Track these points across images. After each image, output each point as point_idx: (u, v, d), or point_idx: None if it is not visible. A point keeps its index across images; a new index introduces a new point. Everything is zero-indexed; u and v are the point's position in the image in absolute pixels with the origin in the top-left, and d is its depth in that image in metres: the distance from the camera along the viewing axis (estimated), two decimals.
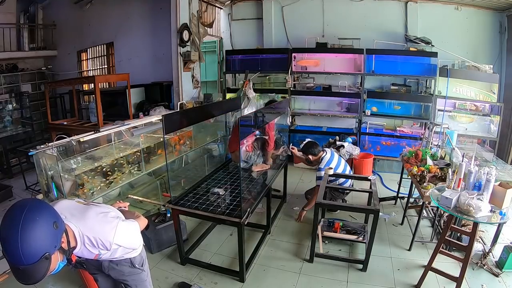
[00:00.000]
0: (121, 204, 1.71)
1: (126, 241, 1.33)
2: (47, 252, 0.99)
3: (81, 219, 1.25)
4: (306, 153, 3.49)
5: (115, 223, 1.29)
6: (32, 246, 0.96)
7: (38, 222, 0.99)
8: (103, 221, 1.28)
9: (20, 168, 4.65)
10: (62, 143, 2.65)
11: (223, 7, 5.97)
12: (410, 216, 3.39)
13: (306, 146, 3.53)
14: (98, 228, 1.25)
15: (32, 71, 7.02)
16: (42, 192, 2.94)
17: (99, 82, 4.43)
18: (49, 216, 1.05)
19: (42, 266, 0.99)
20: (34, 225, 0.98)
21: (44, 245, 0.99)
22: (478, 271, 2.49)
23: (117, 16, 6.22)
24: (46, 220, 1.02)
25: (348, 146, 4.55)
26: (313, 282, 2.46)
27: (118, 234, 1.28)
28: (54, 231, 1.03)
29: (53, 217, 1.06)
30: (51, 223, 1.03)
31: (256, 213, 3.37)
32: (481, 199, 1.94)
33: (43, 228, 1.00)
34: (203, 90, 5.77)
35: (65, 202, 1.34)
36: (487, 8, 4.71)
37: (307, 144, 3.55)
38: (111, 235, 1.26)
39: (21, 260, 0.95)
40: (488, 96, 4.44)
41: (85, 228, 1.23)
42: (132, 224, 1.39)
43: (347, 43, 5.09)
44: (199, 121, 3.24)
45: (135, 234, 1.39)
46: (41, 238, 0.98)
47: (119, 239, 1.28)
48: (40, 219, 1.01)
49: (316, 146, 3.50)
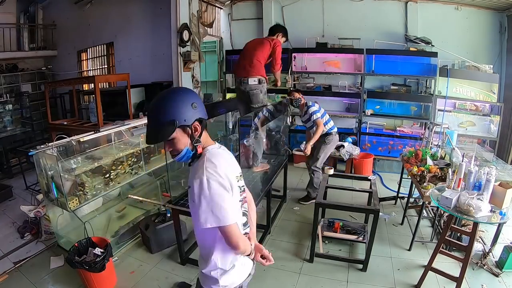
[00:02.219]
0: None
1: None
2: (175, 119, 1.08)
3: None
4: (298, 91, 3.59)
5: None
6: (166, 106, 1.09)
7: (180, 94, 1.14)
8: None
9: (20, 168, 4.64)
10: (62, 143, 2.65)
11: (223, 7, 5.97)
12: (410, 216, 3.39)
13: (293, 90, 3.67)
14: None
15: (32, 71, 7.01)
16: (42, 192, 2.94)
17: (99, 82, 4.42)
18: (192, 96, 1.15)
19: (167, 130, 1.08)
20: (177, 94, 1.13)
21: (175, 112, 1.08)
22: (478, 271, 2.49)
23: (117, 16, 6.22)
24: (188, 96, 1.14)
25: (348, 146, 4.55)
26: (313, 282, 2.46)
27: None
28: (190, 108, 1.11)
29: (195, 99, 1.15)
30: (190, 100, 1.12)
31: (256, 213, 3.37)
32: (481, 199, 1.94)
33: (182, 99, 1.11)
34: (203, 90, 5.76)
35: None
36: (487, 8, 4.71)
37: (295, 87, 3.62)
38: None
39: (154, 117, 1.10)
40: (488, 96, 4.44)
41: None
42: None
43: (347, 43, 5.09)
44: None
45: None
46: (176, 105, 1.09)
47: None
48: (183, 93, 1.15)
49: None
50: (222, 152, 1.22)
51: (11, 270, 2.61)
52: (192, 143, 1.15)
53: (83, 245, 2.42)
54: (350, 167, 4.69)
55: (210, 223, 1.09)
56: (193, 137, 1.14)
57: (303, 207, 3.70)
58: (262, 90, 3.05)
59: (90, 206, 2.89)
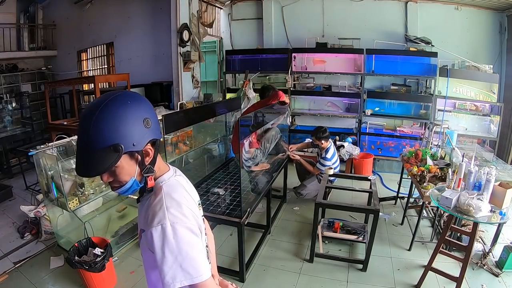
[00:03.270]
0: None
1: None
2: (120, 144, 0.77)
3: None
4: (319, 139, 3.50)
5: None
6: (105, 129, 0.76)
7: (126, 106, 0.79)
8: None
9: (20, 168, 4.64)
10: (62, 143, 2.65)
11: (223, 7, 5.97)
12: (410, 216, 3.39)
13: (319, 131, 3.50)
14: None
15: (32, 71, 7.01)
16: (42, 192, 2.94)
17: (99, 82, 4.42)
18: (144, 108, 0.83)
19: (108, 158, 0.77)
20: (119, 108, 0.78)
21: (119, 133, 0.77)
22: (478, 271, 2.49)
23: (117, 16, 6.22)
24: (137, 109, 0.81)
25: (348, 146, 4.55)
26: (313, 282, 2.46)
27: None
28: (141, 127, 0.81)
29: (148, 113, 0.83)
30: (141, 116, 0.81)
31: (256, 213, 3.38)
32: (481, 199, 1.94)
33: (129, 115, 0.79)
34: (203, 90, 5.76)
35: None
36: (487, 8, 4.71)
37: (321, 129, 3.51)
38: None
39: (87, 141, 0.77)
40: (488, 96, 4.44)
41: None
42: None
43: (347, 43, 5.09)
44: (199, 121, 3.24)
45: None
46: (120, 124, 0.77)
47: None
48: (132, 104, 0.80)
49: (326, 131, 3.54)
50: (180, 180, 0.96)
51: (11, 270, 2.61)
52: (142, 172, 0.86)
53: (83, 245, 2.42)
54: (350, 167, 4.69)
55: (179, 282, 0.81)
56: (144, 164, 0.86)
57: (303, 207, 3.70)
58: None
59: (90, 206, 2.89)
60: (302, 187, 3.62)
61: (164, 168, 0.95)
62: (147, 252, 0.87)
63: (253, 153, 3.29)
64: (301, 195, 3.58)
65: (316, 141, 3.60)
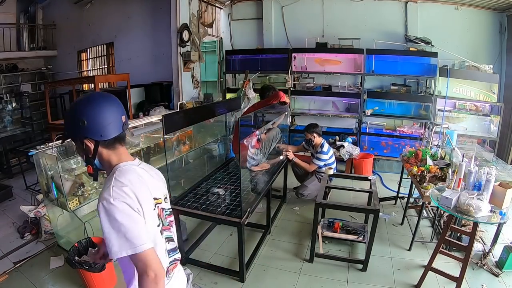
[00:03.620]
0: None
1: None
2: (66, 131, 1.07)
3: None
4: (312, 132, 3.59)
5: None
6: (64, 117, 1.14)
7: (74, 107, 1.07)
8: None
9: (20, 168, 4.64)
10: (62, 143, 2.64)
11: (223, 7, 5.97)
12: (410, 216, 3.39)
13: (311, 126, 3.64)
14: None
15: (32, 71, 7.01)
16: (42, 192, 2.94)
17: (99, 82, 4.43)
18: (84, 110, 1.03)
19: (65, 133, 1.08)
20: (72, 108, 1.09)
21: (65, 125, 1.08)
22: (478, 271, 2.49)
23: (117, 16, 6.22)
24: (78, 110, 1.05)
25: (348, 146, 4.55)
26: (313, 282, 2.46)
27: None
28: (77, 125, 1.02)
29: (86, 114, 1.02)
30: (79, 115, 1.02)
31: (256, 213, 3.38)
32: (481, 199, 1.94)
33: (72, 112, 1.06)
34: (203, 90, 5.76)
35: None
36: (487, 8, 4.71)
37: (312, 124, 3.66)
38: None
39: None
40: (488, 96, 4.44)
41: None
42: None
43: (347, 43, 5.09)
44: (199, 121, 3.24)
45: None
46: (66, 118, 1.09)
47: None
48: (79, 106, 1.06)
49: (318, 126, 3.66)
50: (137, 169, 1.08)
51: (11, 270, 2.61)
52: (85, 160, 1.08)
53: (83, 245, 2.42)
54: (350, 167, 4.69)
55: (125, 251, 0.92)
56: (87, 154, 1.06)
57: (303, 207, 3.70)
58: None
59: (90, 206, 2.89)
60: (303, 188, 3.62)
61: (125, 158, 1.10)
62: (103, 233, 0.96)
63: (254, 152, 3.30)
64: (303, 195, 3.58)
65: (309, 135, 3.62)
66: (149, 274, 0.93)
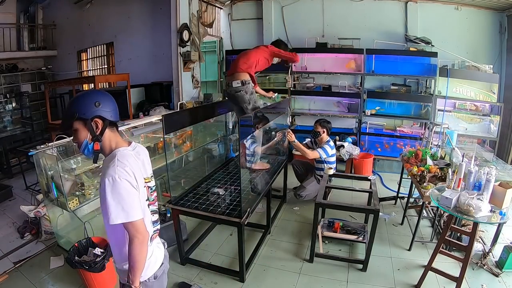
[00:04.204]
0: None
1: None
2: (75, 112, 1.21)
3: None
4: (323, 126, 3.63)
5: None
6: (72, 101, 1.25)
7: (87, 93, 1.27)
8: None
9: (20, 168, 4.64)
10: (62, 143, 2.65)
11: (223, 7, 5.97)
12: (410, 216, 3.39)
13: (325, 120, 3.69)
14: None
15: (32, 71, 7.02)
16: (42, 192, 2.94)
17: (99, 82, 4.44)
18: (99, 96, 1.25)
19: (69, 119, 1.22)
20: (84, 93, 1.28)
21: (78, 107, 1.21)
22: (478, 271, 2.49)
23: (117, 16, 6.22)
24: (93, 95, 1.24)
25: (348, 146, 4.55)
26: (313, 282, 2.46)
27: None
28: (93, 105, 1.21)
29: (101, 99, 1.24)
30: (94, 99, 1.22)
31: (256, 213, 3.38)
32: (481, 199, 1.94)
33: (87, 97, 1.23)
34: (203, 90, 5.76)
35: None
36: (487, 8, 4.71)
37: (325, 119, 3.72)
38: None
39: (65, 110, 1.27)
40: (488, 96, 4.44)
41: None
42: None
43: (347, 43, 5.09)
44: (199, 121, 3.24)
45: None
46: (78, 100, 1.24)
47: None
48: (91, 92, 1.27)
49: (331, 124, 3.72)
50: (134, 153, 1.31)
51: (11, 270, 2.61)
52: (92, 138, 1.23)
53: (83, 245, 2.42)
54: (350, 167, 4.69)
55: (120, 219, 1.16)
56: (93, 132, 1.23)
57: (303, 207, 3.70)
58: (247, 91, 3.08)
59: (90, 206, 2.89)
60: (302, 189, 3.61)
61: (122, 144, 1.31)
62: (104, 202, 1.17)
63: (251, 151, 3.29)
64: (301, 196, 3.58)
65: (319, 128, 3.63)
66: (138, 237, 1.20)
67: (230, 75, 3.13)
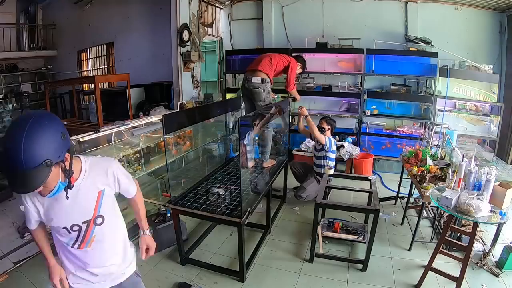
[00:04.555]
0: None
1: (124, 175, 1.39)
2: (49, 159, 0.95)
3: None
4: (329, 124, 3.69)
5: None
6: (35, 149, 0.92)
7: (46, 126, 0.97)
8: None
9: None
10: None
11: (223, 7, 5.97)
12: (410, 216, 3.39)
13: (331, 119, 3.77)
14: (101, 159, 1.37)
15: (32, 71, 7.03)
16: None
17: (99, 82, 4.43)
18: (58, 125, 1.03)
19: (42, 173, 0.95)
20: (41, 128, 0.96)
21: (47, 151, 0.95)
22: (478, 271, 2.49)
23: (117, 16, 6.22)
24: (54, 127, 1.00)
25: (348, 146, 4.55)
26: (313, 282, 2.46)
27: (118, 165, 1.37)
28: (61, 141, 1.01)
29: (61, 127, 1.04)
30: (59, 131, 1.01)
31: (256, 213, 3.38)
32: (481, 199, 1.94)
33: (50, 133, 0.98)
34: (203, 90, 5.77)
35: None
36: (487, 8, 4.71)
37: (332, 118, 3.81)
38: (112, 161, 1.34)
39: (21, 162, 0.90)
40: (488, 96, 4.44)
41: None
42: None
43: (347, 43, 5.09)
44: (199, 121, 3.24)
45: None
46: (46, 142, 0.95)
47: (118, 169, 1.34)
48: (49, 124, 0.99)
49: (336, 123, 3.79)
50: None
51: (11, 270, 2.61)
52: (65, 176, 1.06)
53: None
54: (350, 167, 4.69)
55: (135, 187, 1.47)
56: (66, 169, 1.05)
57: (303, 207, 3.70)
58: (264, 89, 3.11)
59: None
60: (302, 190, 3.61)
61: (77, 163, 1.19)
62: (122, 186, 1.37)
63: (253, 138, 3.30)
64: (301, 197, 3.58)
65: (324, 124, 3.68)
66: (139, 189, 1.52)
67: (251, 70, 3.15)
